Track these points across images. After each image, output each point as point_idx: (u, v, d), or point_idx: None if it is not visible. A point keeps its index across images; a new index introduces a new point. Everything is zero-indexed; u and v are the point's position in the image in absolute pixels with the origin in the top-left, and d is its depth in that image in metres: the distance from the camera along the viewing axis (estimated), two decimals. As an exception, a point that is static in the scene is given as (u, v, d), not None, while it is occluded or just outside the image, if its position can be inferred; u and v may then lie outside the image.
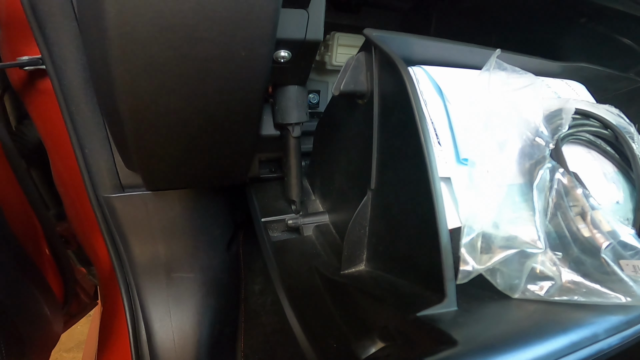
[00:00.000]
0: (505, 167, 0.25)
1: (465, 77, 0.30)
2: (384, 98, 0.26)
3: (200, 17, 0.23)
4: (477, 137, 0.26)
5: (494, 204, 0.25)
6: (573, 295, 0.24)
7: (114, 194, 0.42)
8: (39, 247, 0.41)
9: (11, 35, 0.40)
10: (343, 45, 0.53)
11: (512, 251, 0.24)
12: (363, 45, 0.28)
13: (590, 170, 0.30)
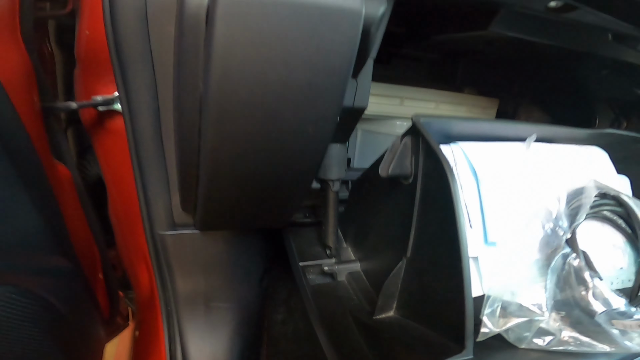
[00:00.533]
0: (526, 249, 0.29)
1: (499, 152, 0.34)
2: (426, 182, 0.30)
3: (281, 100, 0.27)
4: (504, 220, 0.30)
5: (515, 278, 0.29)
6: (568, 346, 0.30)
7: (168, 232, 0.46)
8: (95, 271, 0.46)
9: (88, 73, 0.43)
10: (374, 95, 0.57)
11: (524, 319, 0.28)
12: (410, 129, 0.32)
13: (600, 241, 0.35)
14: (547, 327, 0.30)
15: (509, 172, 0.33)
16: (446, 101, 0.65)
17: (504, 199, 0.31)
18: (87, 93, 0.42)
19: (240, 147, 0.30)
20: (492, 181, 0.32)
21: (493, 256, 0.30)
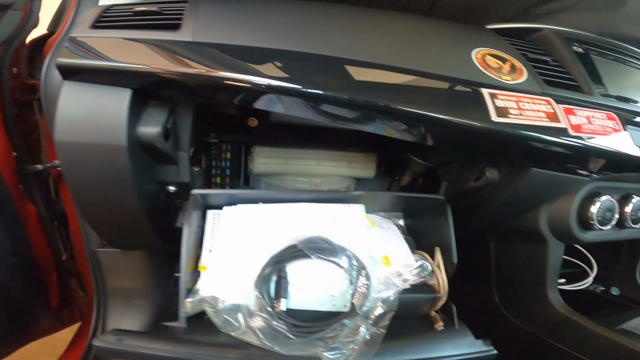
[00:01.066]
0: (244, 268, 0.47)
1: (249, 211, 0.52)
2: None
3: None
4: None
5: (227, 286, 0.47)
6: (252, 338, 0.43)
7: (99, 249, 0.69)
8: (50, 273, 0.69)
9: (50, 142, 0.66)
10: (262, 157, 0.78)
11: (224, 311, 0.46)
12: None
13: (316, 275, 0.48)
14: (240, 321, 0.44)
15: (250, 223, 0.52)
16: (326, 159, 0.81)
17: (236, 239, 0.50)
18: (52, 157, 0.67)
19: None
20: (236, 227, 0.51)
21: (218, 268, 0.48)
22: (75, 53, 0.45)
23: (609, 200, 0.62)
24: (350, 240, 0.52)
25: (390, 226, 0.64)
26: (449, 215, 0.58)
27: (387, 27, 0.56)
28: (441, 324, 0.54)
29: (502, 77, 0.52)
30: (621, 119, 0.55)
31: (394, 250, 0.58)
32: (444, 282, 0.56)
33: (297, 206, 0.56)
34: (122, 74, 0.44)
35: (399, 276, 0.52)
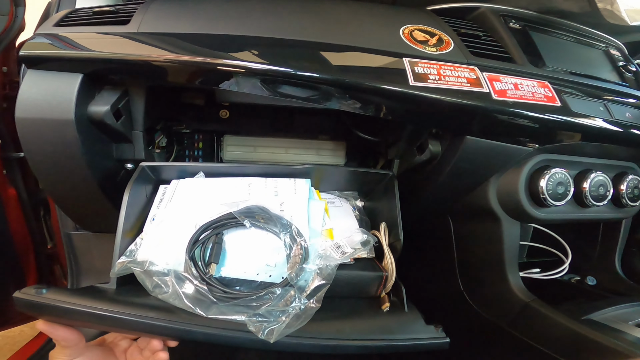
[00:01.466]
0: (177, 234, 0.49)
1: (199, 183, 0.54)
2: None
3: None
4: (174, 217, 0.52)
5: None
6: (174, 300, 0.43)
7: (72, 231, 0.74)
8: (28, 257, 0.75)
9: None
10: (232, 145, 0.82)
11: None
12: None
13: (251, 243, 0.49)
14: (169, 284, 0.44)
15: (194, 195, 0.54)
16: (295, 147, 0.83)
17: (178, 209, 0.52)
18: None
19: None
20: (182, 198, 0.53)
21: (156, 235, 0.49)
22: (35, 46, 0.51)
23: (561, 173, 0.61)
24: (291, 211, 0.52)
25: (343, 204, 0.65)
26: (396, 190, 0.58)
27: (326, 11, 0.60)
28: (387, 305, 0.51)
29: (426, 48, 0.54)
30: (555, 87, 0.56)
31: (341, 226, 0.58)
32: (391, 259, 0.54)
33: (243, 180, 0.58)
34: (70, 60, 0.50)
35: (338, 248, 0.52)
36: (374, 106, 0.52)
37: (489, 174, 0.61)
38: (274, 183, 0.58)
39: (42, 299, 0.40)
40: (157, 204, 0.56)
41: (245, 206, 0.51)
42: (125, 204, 0.51)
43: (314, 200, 0.58)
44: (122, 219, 0.50)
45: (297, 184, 0.58)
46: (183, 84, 0.53)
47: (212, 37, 0.52)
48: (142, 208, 0.55)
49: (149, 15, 0.55)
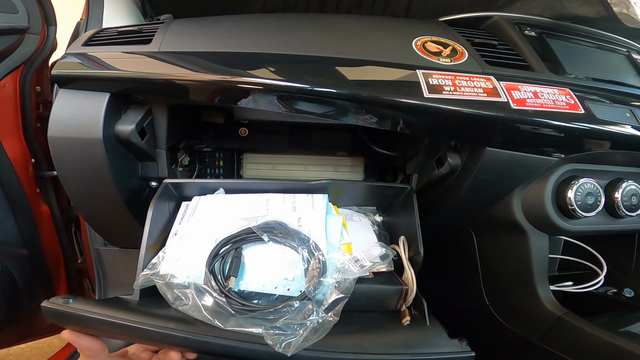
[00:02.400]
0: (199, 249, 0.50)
1: (219, 200, 0.56)
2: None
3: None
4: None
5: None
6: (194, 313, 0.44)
7: (101, 247, 0.77)
8: (59, 271, 0.78)
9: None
10: (251, 163, 0.84)
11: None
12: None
13: (269, 258, 0.49)
14: (189, 297, 0.45)
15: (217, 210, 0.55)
16: (313, 163, 0.84)
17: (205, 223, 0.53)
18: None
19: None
20: (203, 214, 0.55)
21: (177, 249, 0.50)
22: (66, 66, 0.54)
23: (590, 183, 0.59)
24: (309, 226, 0.53)
25: (361, 219, 0.64)
26: (415, 204, 0.58)
27: (339, 26, 0.62)
28: (408, 319, 0.50)
29: (440, 59, 0.54)
30: (577, 94, 0.54)
31: (359, 240, 0.57)
32: (411, 272, 0.53)
33: (262, 196, 0.59)
34: (98, 80, 0.53)
35: (356, 262, 0.51)
36: (389, 120, 0.52)
37: (513, 186, 0.59)
38: (292, 199, 0.59)
39: (68, 308, 0.42)
40: (179, 220, 0.57)
41: (264, 221, 0.52)
42: (149, 220, 0.53)
43: (331, 215, 0.58)
44: (146, 234, 0.52)
45: (314, 199, 0.58)
46: (202, 101, 0.55)
47: (229, 55, 0.54)
48: (165, 224, 0.57)
49: (169, 34, 0.58)
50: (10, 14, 0.68)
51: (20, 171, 0.68)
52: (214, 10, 0.70)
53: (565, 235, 0.69)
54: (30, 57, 0.69)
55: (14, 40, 0.69)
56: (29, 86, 0.70)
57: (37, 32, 0.70)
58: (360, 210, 0.67)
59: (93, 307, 0.43)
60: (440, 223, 0.68)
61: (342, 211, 0.64)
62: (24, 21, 0.69)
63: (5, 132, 0.68)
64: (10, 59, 0.69)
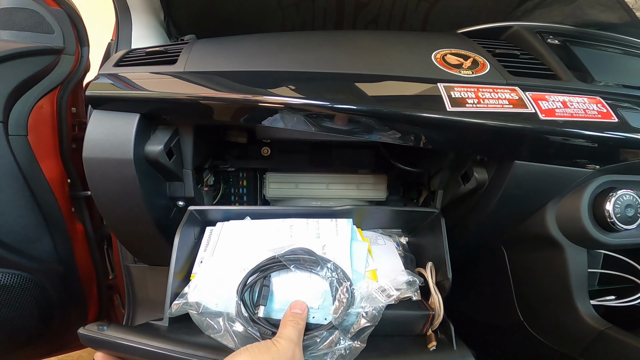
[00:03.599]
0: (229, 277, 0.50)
1: (242, 226, 0.57)
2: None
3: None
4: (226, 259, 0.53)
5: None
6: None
7: (131, 264, 0.79)
8: (91, 288, 0.81)
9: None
10: (273, 182, 0.85)
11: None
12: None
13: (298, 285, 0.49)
14: (221, 325, 0.46)
15: (239, 237, 0.56)
16: (335, 182, 0.83)
17: (230, 250, 0.53)
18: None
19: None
20: (227, 240, 0.55)
21: (206, 277, 0.50)
22: (99, 86, 0.57)
23: (629, 195, 0.55)
24: (334, 253, 0.52)
25: (386, 242, 0.64)
26: (443, 228, 0.57)
27: (357, 42, 0.62)
28: (434, 344, 0.49)
29: (461, 72, 0.53)
30: (609, 102, 0.52)
31: (385, 266, 0.57)
32: (438, 297, 0.53)
33: (285, 222, 0.59)
34: (128, 100, 0.56)
35: (383, 292, 0.51)
36: (412, 136, 0.52)
37: (545, 200, 0.56)
38: (316, 224, 0.58)
39: (102, 335, 0.45)
40: (204, 247, 0.58)
41: (290, 249, 0.52)
42: (176, 249, 0.54)
43: (356, 241, 0.57)
44: (173, 262, 0.53)
45: (338, 224, 0.57)
46: (226, 120, 0.56)
47: (251, 74, 0.56)
48: (191, 249, 0.58)
49: (193, 54, 0.60)
50: (46, 35, 0.72)
51: (57, 191, 0.71)
52: (234, 29, 0.73)
53: (604, 249, 0.65)
54: (66, 78, 0.73)
55: (51, 60, 0.72)
56: (66, 107, 0.74)
57: (71, 53, 0.74)
58: (385, 232, 0.67)
59: (125, 334, 0.45)
60: (468, 239, 0.66)
61: (366, 234, 0.63)
62: (59, 42, 0.73)
63: (44, 153, 0.71)
64: (48, 80, 0.72)
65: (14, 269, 0.66)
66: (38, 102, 0.71)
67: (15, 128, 0.67)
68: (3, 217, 0.65)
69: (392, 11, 0.78)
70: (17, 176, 0.66)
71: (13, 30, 0.71)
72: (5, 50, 0.65)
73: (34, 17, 0.72)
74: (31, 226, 0.68)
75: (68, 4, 0.77)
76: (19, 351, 0.73)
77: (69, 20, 0.76)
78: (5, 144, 0.65)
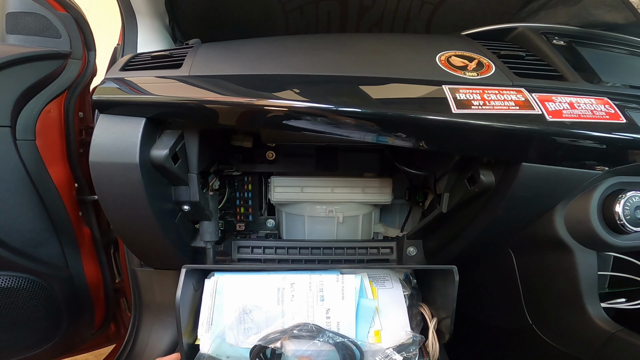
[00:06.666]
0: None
1: (240, 280, 0.56)
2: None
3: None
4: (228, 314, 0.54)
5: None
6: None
7: (137, 268, 0.80)
8: (98, 291, 0.81)
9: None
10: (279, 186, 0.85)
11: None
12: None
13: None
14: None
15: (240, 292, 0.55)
16: (341, 185, 0.82)
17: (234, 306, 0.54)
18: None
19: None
20: (227, 295, 0.55)
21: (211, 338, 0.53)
22: (105, 91, 0.57)
23: (638, 196, 0.55)
24: (337, 318, 0.53)
25: (394, 285, 0.62)
26: (455, 285, 0.56)
27: (362, 45, 0.62)
28: None
29: (466, 73, 0.53)
30: (616, 103, 0.51)
31: (390, 319, 0.57)
32: (436, 345, 0.55)
33: (286, 278, 0.57)
34: (134, 104, 0.56)
35: (386, 357, 0.52)
36: (417, 138, 0.52)
37: (554, 202, 0.56)
38: (319, 284, 0.56)
39: None
40: (207, 304, 0.57)
41: (296, 325, 0.52)
42: (179, 312, 0.53)
43: (365, 299, 0.56)
44: (181, 328, 0.53)
45: (345, 284, 0.55)
46: (230, 124, 0.56)
47: (255, 77, 0.56)
48: (191, 301, 0.59)
49: (198, 58, 0.60)
50: (54, 39, 0.73)
51: (64, 195, 0.72)
52: (238, 33, 0.73)
53: (614, 251, 0.64)
54: (73, 82, 0.74)
55: (58, 65, 0.73)
56: (73, 112, 0.75)
57: (78, 58, 0.74)
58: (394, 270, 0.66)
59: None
60: (475, 242, 0.65)
61: (374, 272, 0.63)
62: (66, 46, 0.73)
63: (51, 157, 0.72)
64: (55, 84, 0.73)
65: (22, 273, 0.67)
66: (46, 107, 0.71)
67: (23, 133, 0.68)
68: (11, 221, 0.65)
69: (395, 14, 0.78)
70: (25, 180, 0.67)
71: (20, 35, 0.72)
72: (13, 54, 0.66)
73: (41, 21, 0.73)
74: (39, 230, 0.69)
75: (75, 9, 0.78)
76: (27, 354, 0.74)
77: (76, 25, 0.76)
78: (14, 148, 0.66)
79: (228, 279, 0.58)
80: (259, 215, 0.91)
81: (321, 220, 0.85)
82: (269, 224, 0.92)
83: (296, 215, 0.87)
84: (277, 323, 0.53)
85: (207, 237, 0.71)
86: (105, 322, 0.85)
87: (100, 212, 0.83)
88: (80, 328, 0.77)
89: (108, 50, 0.82)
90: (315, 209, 0.85)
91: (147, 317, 0.80)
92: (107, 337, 0.87)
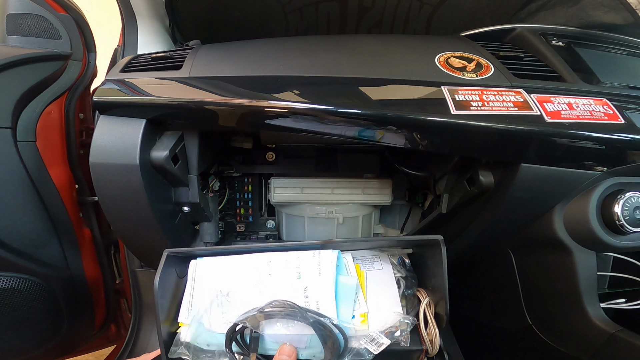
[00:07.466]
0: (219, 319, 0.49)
1: (219, 263, 0.53)
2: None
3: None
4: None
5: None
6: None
7: (137, 268, 0.80)
8: (98, 292, 0.81)
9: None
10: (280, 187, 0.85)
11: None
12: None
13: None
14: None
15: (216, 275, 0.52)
16: (341, 186, 0.83)
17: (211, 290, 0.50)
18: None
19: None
20: (205, 280, 0.52)
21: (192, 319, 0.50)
22: (106, 92, 0.57)
23: (637, 197, 0.55)
24: (316, 297, 0.49)
25: (383, 266, 0.58)
26: (444, 258, 0.51)
27: (361, 46, 0.62)
28: None
29: (465, 74, 0.53)
30: (615, 104, 0.51)
31: (378, 301, 0.53)
32: (435, 331, 0.52)
33: (263, 257, 0.54)
34: (134, 106, 0.56)
35: (372, 341, 0.49)
36: (416, 139, 0.52)
37: (553, 203, 0.56)
38: (296, 261, 0.51)
39: None
40: (190, 287, 0.54)
41: (270, 302, 0.48)
42: (158, 297, 0.50)
43: (343, 276, 0.51)
44: (159, 311, 0.50)
45: (321, 259, 0.51)
46: (230, 125, 0.56)
47: (255, 79, 0.56)
48: (174, 288, 0.56)
49: (198, 60, 0.61)
50: (54, 40, 0.73)
51: (65, 197, 0.72)
52: (238, 35, 0.73)
53: (613, 252, 0.64)
54: (73, 84, 0.74)
55: (59, 66, 0.73)
56: (73, 113, 0.75)
57: (79, 59, 0.75)
58: (384, 249, 0.61)
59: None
60: (474, 243, 0.66)
61: (361, 254, 0.59)
62: (66, 47, 0.74)
63: (52, 159, 0.72)
64: (56, 85, 0.73)
65: (22, 274, 0.67)
66: (46, 108, 0.71)
67: (24, 134, 0.68)
68: (12, 222, 0.66)
69: (395, 15, 0.78)
70: (25, 182, 0.67)
71: (21, 36, 0.72)
72: (14, 55, 0.66)
73: (41, 22, 0.73)
74: (39, 231, 0.69)
75: (75, 10, 0.78)
76: (27, 354, 0.74)
77: (76, 26, 0.77)
78: (14, 149, 0.66)
79: (205, 262, 0.55)
80: (259, 217, 0.91)
81: (321, 221, 0.86)
82: (269, 225, 0.92)
83: (296, 216, 0.88)
84: (254, 304, 0.49)
85: (207, 238, 0.71)
86: (106, 323, 0.85)
87: (100, 213, 0.83)
88: (81, 329, 0.77)
89: (108, 51, 0.83)
90: (315, 210, 0.85)
91: (148, 317, 0.80)
92: (108, 337, 0.88)
